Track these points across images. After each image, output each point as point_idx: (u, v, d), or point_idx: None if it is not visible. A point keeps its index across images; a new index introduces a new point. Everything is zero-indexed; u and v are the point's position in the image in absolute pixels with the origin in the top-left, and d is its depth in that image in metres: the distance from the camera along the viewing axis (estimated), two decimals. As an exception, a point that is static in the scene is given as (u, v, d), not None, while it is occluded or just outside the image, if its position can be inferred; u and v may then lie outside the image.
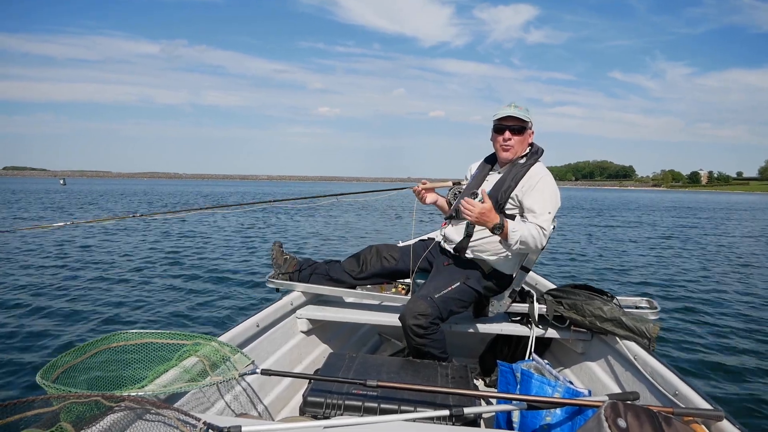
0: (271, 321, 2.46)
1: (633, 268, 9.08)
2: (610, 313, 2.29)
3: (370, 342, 3.19)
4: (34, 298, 6.03)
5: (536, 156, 2.45)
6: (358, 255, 2.73)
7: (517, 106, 2.40)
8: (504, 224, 2.19)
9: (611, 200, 48.77)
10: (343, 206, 25.57)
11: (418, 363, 2.15)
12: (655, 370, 1.94)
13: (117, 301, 5.98)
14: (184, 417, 1.29)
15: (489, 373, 2.75)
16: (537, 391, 1.84)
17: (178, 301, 6.11)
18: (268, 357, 2.37)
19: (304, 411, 1.80)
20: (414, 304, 2.24)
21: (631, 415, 1.18)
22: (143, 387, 1.54)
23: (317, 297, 2.87)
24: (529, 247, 2.26)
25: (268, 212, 21.59)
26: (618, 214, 25.12)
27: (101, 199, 33.06)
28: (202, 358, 1.76)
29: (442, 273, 2.44)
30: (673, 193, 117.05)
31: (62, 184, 68.67)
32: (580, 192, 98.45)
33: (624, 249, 11.89)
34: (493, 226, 2.19)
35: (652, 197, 70.87)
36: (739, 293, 7.14)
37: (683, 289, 7.33)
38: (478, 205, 2.18)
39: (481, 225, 2.23)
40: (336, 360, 2.13)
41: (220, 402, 1.87)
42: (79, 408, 1.29)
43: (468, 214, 2.20)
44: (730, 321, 5.59)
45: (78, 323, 5.09)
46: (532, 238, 2.22)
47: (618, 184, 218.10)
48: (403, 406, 1.74)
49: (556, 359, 2.74)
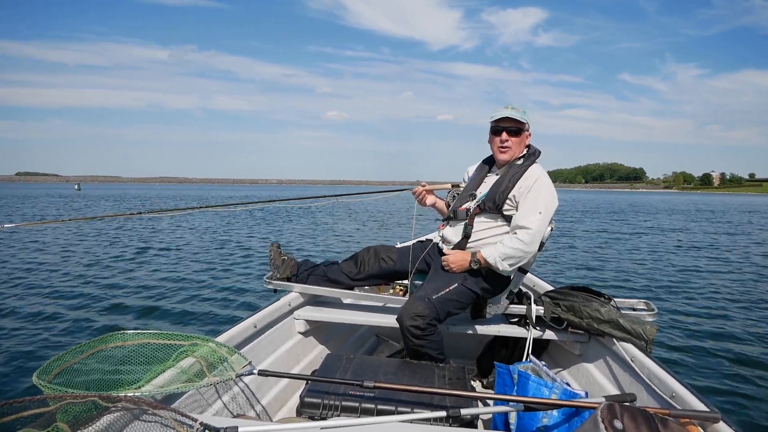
0: (269, 322, 2.46)
1: (632, 271, 9.10)
2: (608, 315, 2.29)
3: (367, 343, 3.19)
4: (30, 299, 6.02)
5: (533, 157, 2.46)
6: (356, 256, 2.73)
7: (514, 107, 2.41)
8: (478, 257, 2.33)
9: (620, 203, 48.30)
10: (344, 208, 25.59)
11: (416, 364, 2.15)
12: (652, 372, 1.94)
13: (114, 302, 5.97)
14: (181, 417, 1.28)
15: (486, 374, 2.76)
16: (534, 392, 1.84)
17: (176, 301, 6.11)
18: (265, 358, 2.36)
19: (301, 412, 1.79)
20: (411, 306, 2.24)
21: (627, 416, 1.19)
22: (140, 387, 1.54)
23: (315, 298, 2.86)
24: (519, 257, 2.30)
25: (267, 213, 21.60)
26: (629, 219, 24.84)
27: (118, 203, 32.98)
28: (200, 358, 1.75)
29: (439, 274, 2.44)
30: (685, 195, 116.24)
31: (77, 189, 68.76)
32: (590, 195, 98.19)
33: (629, 253, 11.88)
34: (470, 263, 2.35)
35: (665, 199, 70.61)
36: (738, 295, 7.16)
37: (682, 290, 7.34)
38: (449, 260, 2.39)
39: (461, 270, 2.37)
40: (333, 361, 2.13)
41: (218, 403, 1.87)
42: (76, 408, 1.28)
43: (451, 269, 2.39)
44: (727, 323, 5.61)
45: (75, 323, 5.08)
46: (513, 249, 2.27)
47: (629, 187, 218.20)
48: (400, 407, 1.75)
49: (553, 361, 2.75)
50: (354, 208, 27.12)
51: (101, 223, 15.73)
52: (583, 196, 78.04)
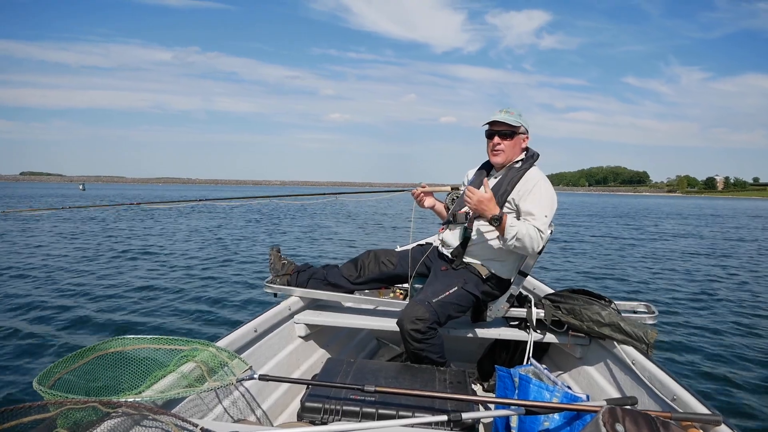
0: (269, 326, 2.46)
1: (634, 274, 9.10)
2: (608, 318, 2.29)
3: (368, 347, 3.18)
4: (30, 303, 6.01)
5: (532, 160, 2.47)
6: (356, 260, 2.73)
7: (509, 111, 2.42)
8: (502, 217, 2.23)
9: (624, 207, 48.07)
10: (344, 211, 25.58)
11: (416, 368, 2.15)
12: (653, 375, 1.94)
13: (114, 307, 5.97)
14: (182, 423, 1.28)
15: (487, 378, 2.75)
16: (535, 396, 1.84)
17: (176, 306, 6.10)
18: (265, 362, 2.36)
19: (301, 417, 1.79)
20: (412, 309, 2.24)
21: (629, 419, 1.18)
22: (140, 393, 1.54)
23: (315, 302, 2.86)
24: (525, 247, 2.25)
25: (267, 216, 21.60)
26: (632, 222, 24.70)
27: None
28: (200, 363, 1.75)
29: (439, 278, 2.44)
30: (689, 199, 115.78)
31: (81, 189, 68.88)
32: (593, 198, 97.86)
33: (632, 256, 11.87)
34: (491, 216, 2.22)
35: (669, 203, 70.26)
36: (740, 299, 7.15)
37: (683, 293, 7.34)
38: (477, 193, 2.23)
39: (480, 213, 2.26)
40: (334, 365, 2.13)
41: (218, 408, 1.86)
42: (76, 414, 1.28)
43: (467, 201, 2.26)
44: (728, 326, 5.60)
45: (75, 328, 5.07)
46: (529, 238, 2.23)
47: (632, 190, 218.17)
48: (401, 412, 1.74)
49: (554, 364, 2.74)
50: (354, 210, 27.13)
51: (100, 225, 15.72)
52: (586, 200, 77.94)
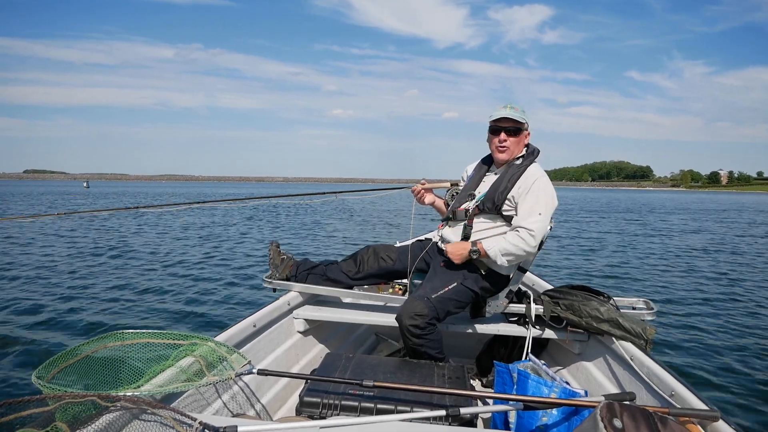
0: (268, 321, 2.46)
1: (633, 269, 9.11)
2: (607, 314, 2.29)
3: (367, 342, 3.19)
4: (30, 298, 6.02)
5: (532, 157, 2.46)
6: (355, 255, 2.73)
7: (513, 107, 2.41)
8: (478, 246, 2.32)
9: (627, 202, 47.82)
10: (345, 208, 25.56)
11: (415, 363, 2.15)
12: (652, 371, 1.94)
13: (113, 301, 5.97)
14: (181, 417, 1.28)
15: (486, 373, 2.76)
16: (533, 391, 1.84)
17: (175, 300, 6.10)
18: (264, 357, 2.36)
19: (300, 411, 1.80)
20: (411, 305, 2.24)
21: (627, 415, 1.19)
22: (139, 387, 1.54)
23: (314, 297, 2.86)
24: (518, 254, 2.29)
25: (267, 212, 21.59)
26: (636, 217, 24.60)
27: (126, 201, 32.87)
28: (199, 358, 1.75)
29: (439, 273, 2.44)
30: (693, 194, 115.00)
31: (86, 187, 68.95)
32: (596, 193, 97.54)
33: (633, 251, 11.88)
34: (469, 252, 2.34)
35: (673, 198, 69.90)
36: (738, 294, 7.16)
37: (681, 289, 7.35)
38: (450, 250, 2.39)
39: (461, 259, 2.37)
40: (333, 360, 2.13)
41: (217, 402, 1.87)
42: (75, 408, 1.28)
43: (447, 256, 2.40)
44: (726, 321, 5.61)
45: (74, 323, 5.07)
46: (514, 246, 2.26)
47: (636, 185, 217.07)
48: (400, 407, 1.75)
49: (552, 360, 2.75)
50: (354, 206, 27.11)
51: (100, 223, 15.72)
52: (589, 195, 77.82)
